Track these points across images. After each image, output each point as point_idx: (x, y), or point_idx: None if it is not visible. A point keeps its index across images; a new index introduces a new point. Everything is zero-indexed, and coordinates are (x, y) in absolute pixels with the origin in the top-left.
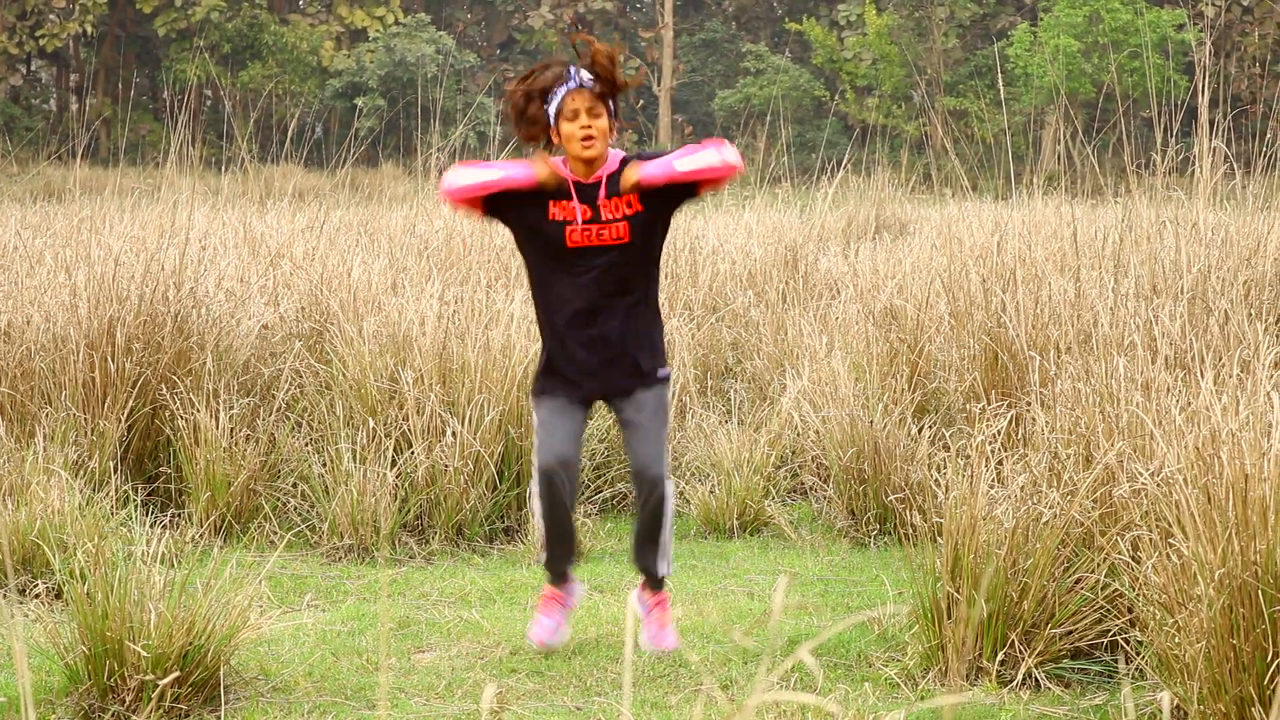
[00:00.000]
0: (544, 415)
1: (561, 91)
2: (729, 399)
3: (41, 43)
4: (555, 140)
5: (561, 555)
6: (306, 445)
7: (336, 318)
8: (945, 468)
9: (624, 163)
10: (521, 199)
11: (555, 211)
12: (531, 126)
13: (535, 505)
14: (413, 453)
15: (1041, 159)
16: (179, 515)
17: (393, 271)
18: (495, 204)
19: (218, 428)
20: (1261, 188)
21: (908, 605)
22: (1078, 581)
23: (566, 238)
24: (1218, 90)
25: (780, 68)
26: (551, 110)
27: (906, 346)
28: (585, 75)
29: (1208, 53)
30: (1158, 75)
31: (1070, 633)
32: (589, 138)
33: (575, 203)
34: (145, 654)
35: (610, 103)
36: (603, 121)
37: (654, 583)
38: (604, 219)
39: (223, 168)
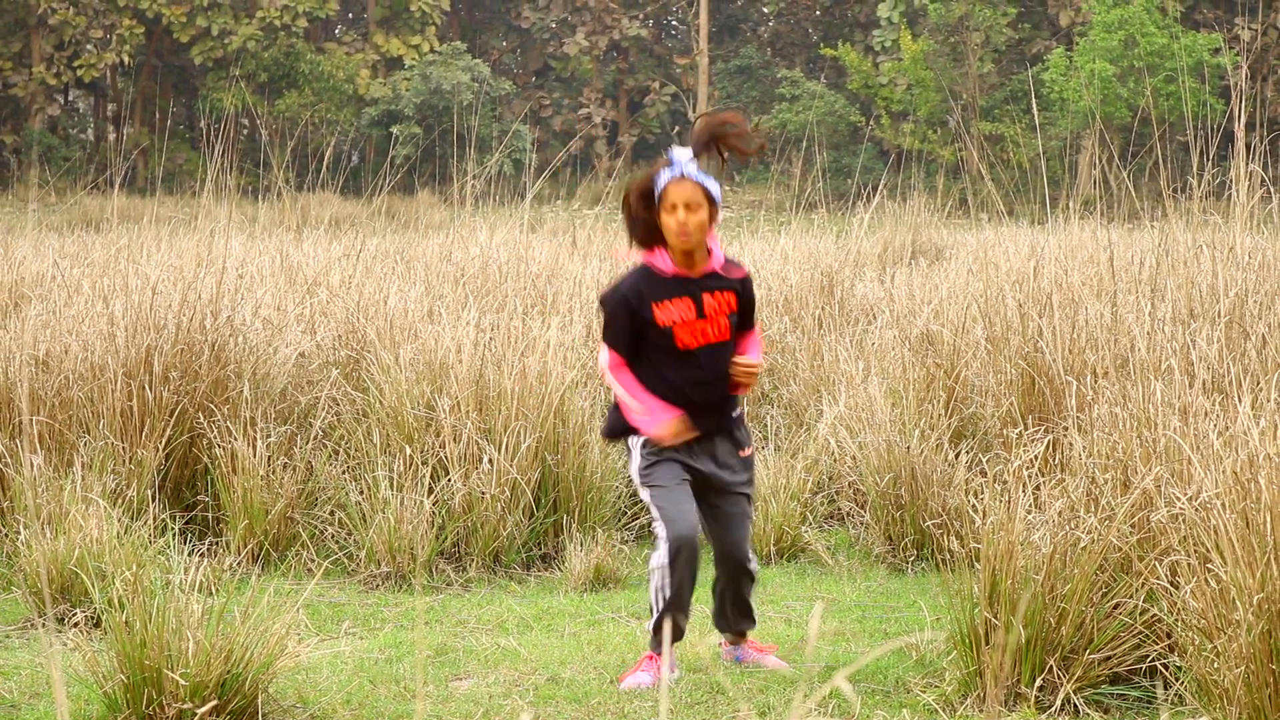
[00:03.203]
0: (658, 475)
1: (664, 179)
2: (766, 425)
3: (79, 73)
4: (655, 229)
5: (675, 627)
6: (343, 473)
7: (373, 345)
8: (982, 493)
9: (727, 261)
10: (634, 321)
11: (661, 315)
12: (644, 230)
13: (659, 580)
14: (449, 480)
15: (1078, 183)
16: (217, 543)
17: (429, 299)
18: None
19: (255, 456)
20: None
21: (945, 631)
22: (1116, 607)
23: (676, 340)
24: (1254, 114)
25: (815, 93)
26: (655, 192)
27: (943, 372)
28: (688, 162)
29: (1244, 76)
30: (1194, 99)
31: (1109, 658)
32: (685, 233)
33: (678, 300)
34: (183, 682)
35: (713, 195)
36: (701, 215)
37: (738, 635)
38: (707, 315)
39: (259, 196)
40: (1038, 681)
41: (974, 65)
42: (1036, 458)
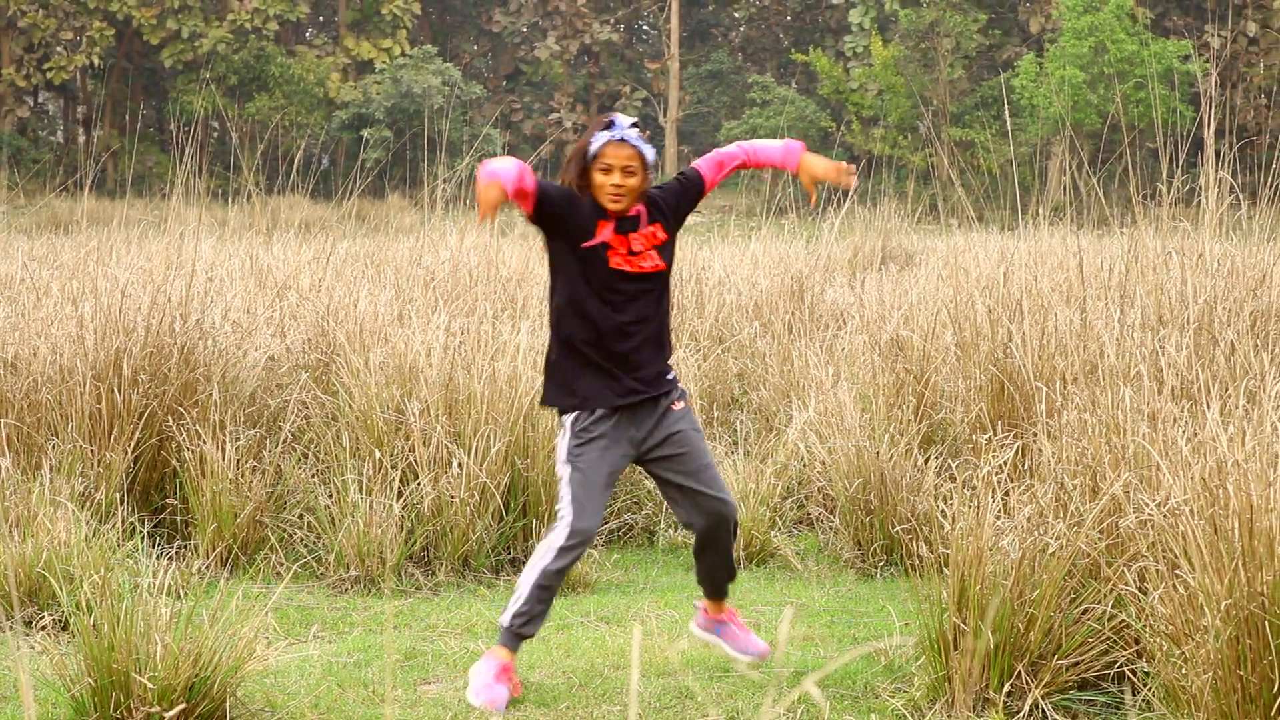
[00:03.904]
0: (582, 459)
1: (603, 139)
2: (735, 430)
3: (49, 75)
4: (584, 184)
5: (541, 620)
6: (313, 476)
7: (343, 349)
8: (951, 498)
9: (648, 200)
10: (575, 205)
11: (602, 232)
12: (576, 184)
13: (548, 562)
14: (419, 484)
15: (1047, 189)
16: (185, 547)
17: (399, 303)
18: (547, 200)
19: (224, 459)
20: (1267, 218)
21: (914, 636)
22: (1084, 612)
23: (609, 260)
24: (1223, 121)
25: (786, 99)
26: (592, 149)
27: (913, 377)
28: (629, 126)
29: (1213, 84)
30: (1163, 106)
31: (1077, 664)
32: (618, 195)
33: (608, 224)
34: (151, 686)
35: (647, 161)
36: (635, 181)
37: (719, 596)
38: (636, 250)
39: (229, 199)
40: (1006, 687)
41: (944, 71)
42: (1006, 463)
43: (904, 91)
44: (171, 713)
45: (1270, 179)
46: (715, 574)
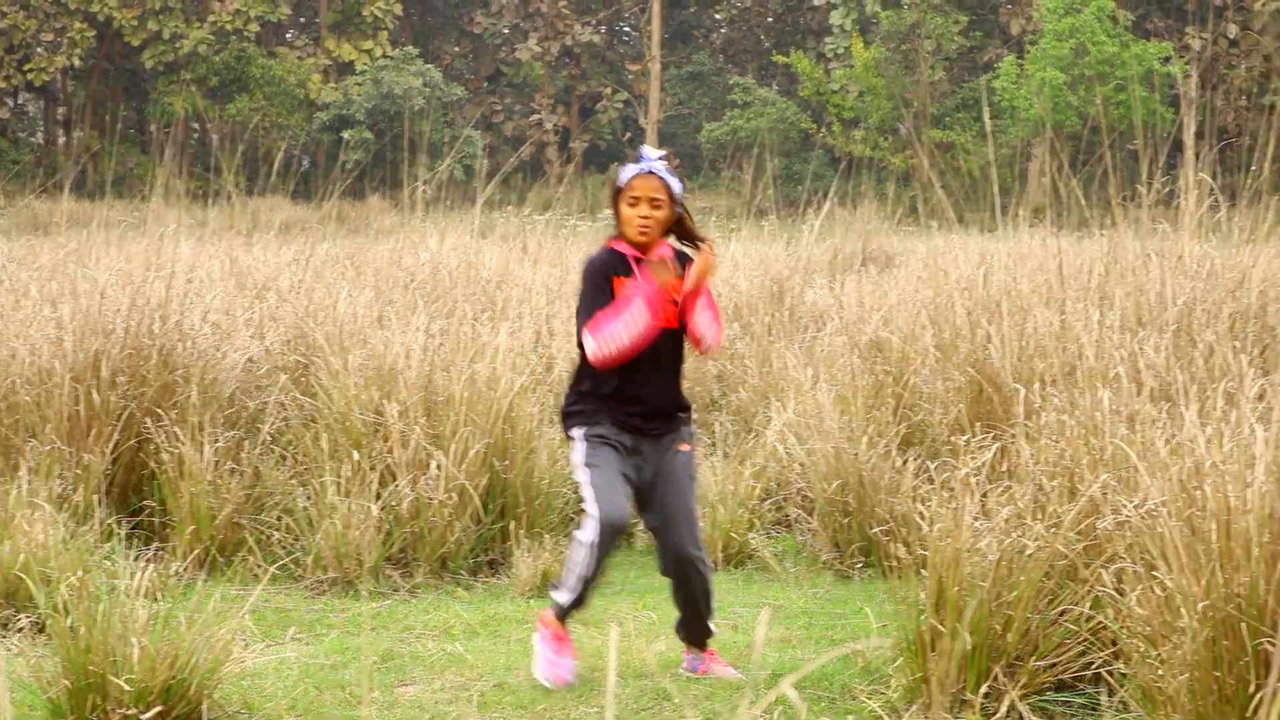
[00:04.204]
0: (597, 458)
1: (631, 171)
2: (714, 431)
3: (29, 76)
4: (615, 217)
5: (586, 603)
6: (291, 478)
7: (322, 351)
8: (930, 500)
9: (679, 255)
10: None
11: (620, 291)
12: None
13: (583, 555)
14: (397, 486)
15: (1027, 191)
16: (163, 549)
17: (379, 304)
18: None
19: (202, 461)
20: (1247, 220)
21: (891, 638)
22: (1062, 614)
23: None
24: (1203, 123)
25: (767, 100)
26: (619, 184)
27: (892, 379)
28: (656, 159)
29: (1194, 85)
30: (1144, 108)
31: (1054, 665)
32: (645, 227)
33: (639, 278)
34: (128, 688)
35: (674, 193)
36: (663, 213)
37: (703, 640)
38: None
39: (209, 200)
40: (983, 688)
41: (925, 73)
42: (984, 465)
43: (885, 93)
44: (148, 715)
45: (1249, 180)
46: (685, 622)
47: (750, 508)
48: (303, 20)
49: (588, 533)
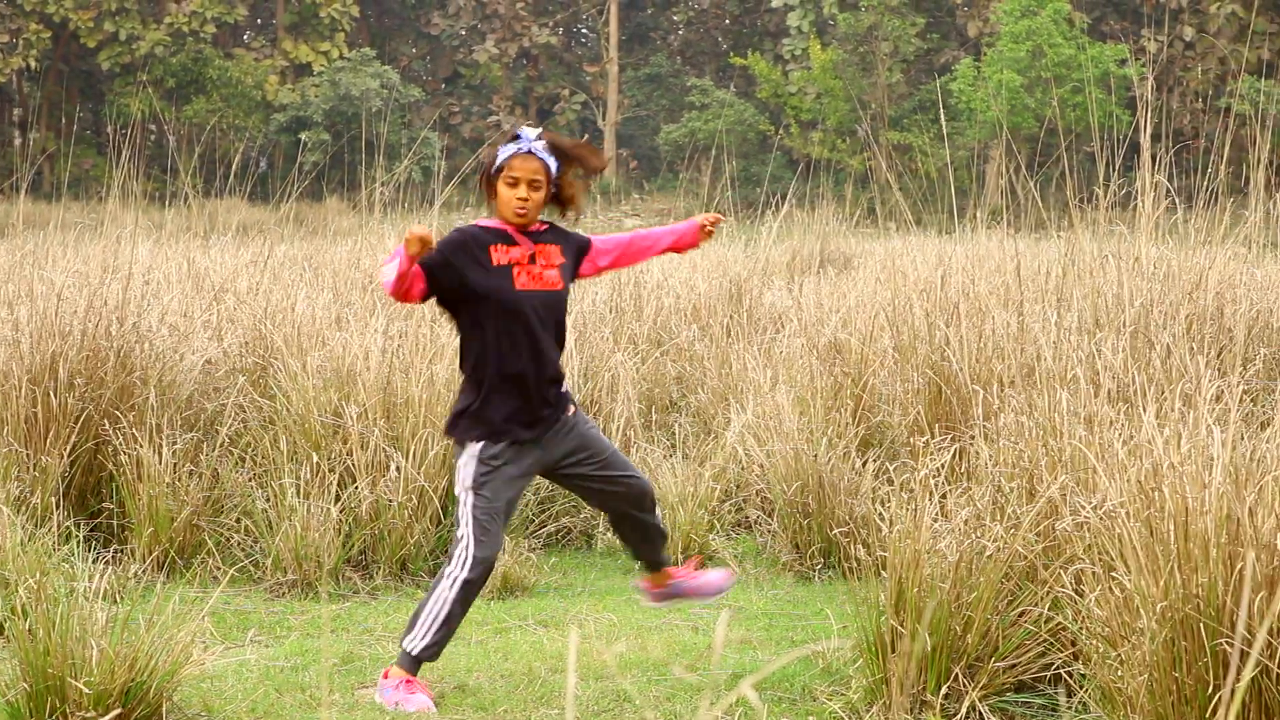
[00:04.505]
0: (486, 487)
1: (509, 151)
2: (673, 433)
3: None
4: (489, 197)
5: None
6: (250, 480)
7: (280, 352)
8: (889, 501)
9: (554, 229)
10: (460, 256)
11: (496, 256)
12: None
13: (454, 594)
14: (356, 488)
15: (985, 193)
16: (122, 551)
17: (337, 306)
18: (439, 271)
19: (161, 463)
20: (1203, 222)
21: (852, 639)
22: (1021, 615)
23: (514, 280)
24: (1160, 125)
25: (725, 102)
26: (498, 161)
27: (851, 380)
28: (537, 140)
29: (1150, 88)
30: (1100, 110)
31: (1014, 666)
32: (523, 209)
33: (518, 246)
34: (87, 691)
35: (552, 174)
36: (541, 195)
37: (661, 561)
38: (538, 261)
39: (166, 202)
40: (943, 689)
41: (882, 75)
42: (943, 466)
43: (842, 95)
44: (108, 718)
45: (1206, 182)
46: (650, 540)
47: (710, 509)
48: (259, 22)
49: (462, 569)
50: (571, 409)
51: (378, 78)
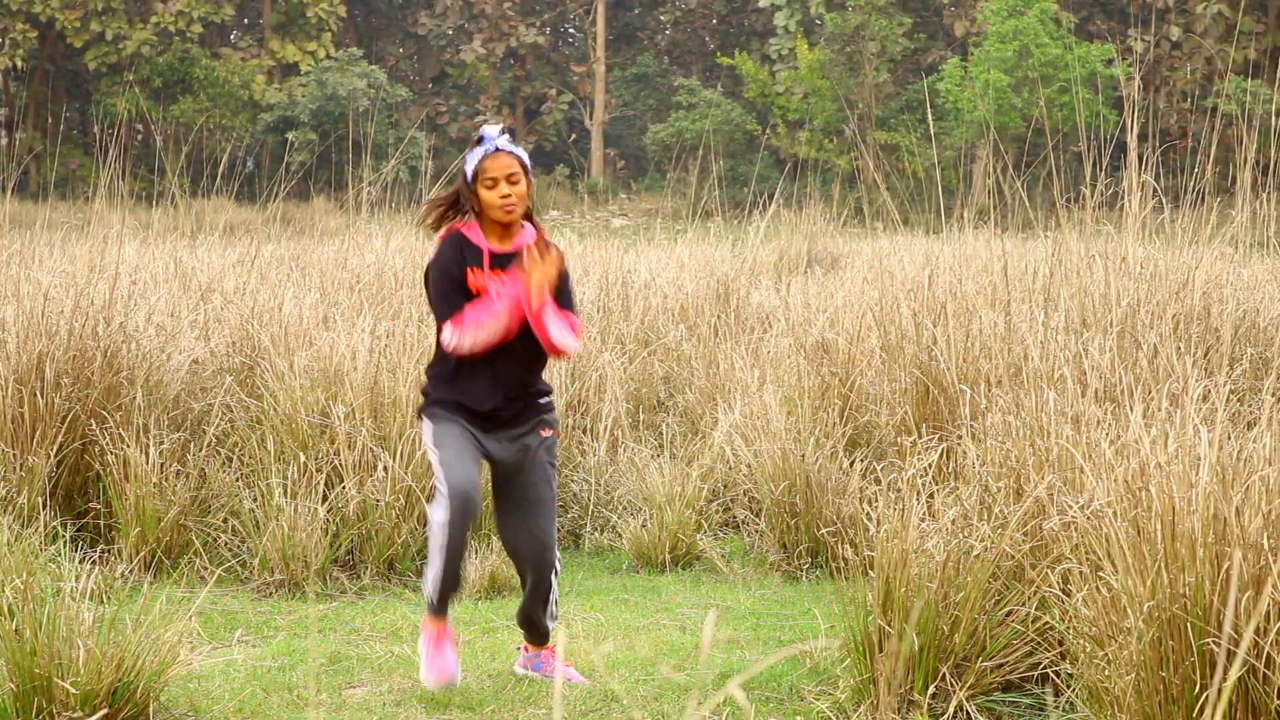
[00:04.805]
0: (445, 436)
1: (478, 155)
2: (661, 433)
3: None
4: (474, 207)
5: (457, 584)
6: (237, 480)
7: (267, 352)
8: (877, 501)
9: (540, 238)
10: (457, 282)
11: (472, 280)
12: (451, 209)
13: (439, 535)
14: (344, 487)
15: (972, 193)
16: (108, 551)
17: (324, 306)
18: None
19: (148, 463)
20: (1190, 222)
21: (839, 639)
22: (1008, 614)
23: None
24: (1147, 125)
25: (712, 101)
26: (468, 171)
27: (838, 380)
28: (501, 136)
29: (1136, 87)
30: (1087, 110)
31: (1001, 665)
32: (510, 206)
33: (487, 272)
34: (74, 691)
35: (527, 165)
36: (522, 186)
37: (541, 638)
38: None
39: (153, 202)
40: (930, 689)
41: (870, 75)
42: (930, 466)
43: (829, 95)
44: (94, 718)
45: (1193, 183)
46: (530, 615)
47: (698, 509)
48: (246, 21)
49: (439, 511)
50: (551, 428)
51: (365, 77)
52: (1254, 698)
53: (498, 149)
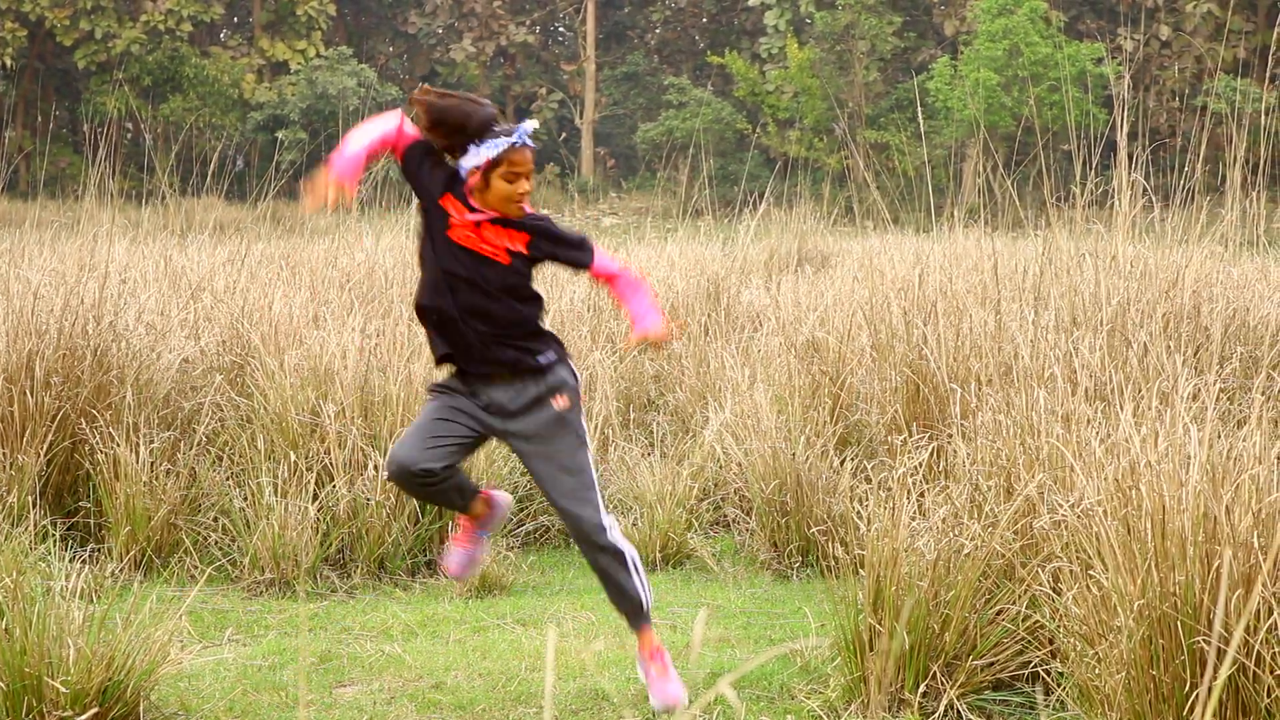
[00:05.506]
0: (422, 412)
1: (505, 144)
2: (651, 432)
3: None
4: (476, 183)
5: (458, 506)
6: (227, 479)
7: (258, 351)
8: (867, 500)
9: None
10: (435, 158)
11: (448, 203)
12: (442, 139)
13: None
14: (334, 486)
15: (962, 192)
16: (98, 550)
17: (314, 305)
18: (414, 152)
19: (138, 462)
20: (1180, 220)
21: (830, 637)
22: (999, 613)
23: (451, 226)
24: (1136, 123)
25: (702, 100)
26: (490, 156)
27: (828, 379)
28: (530, 135)
29: (1126, 86)
30: (1077, 109)
31: (992, 664)
32: (524, 204)
33: (466, 209)
34: (64, 690)
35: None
36: (531, 185)
37: (636, 621)
38: (486, 239)
39: (143, 201)
40: (921, 688)
41: (859, 73)
42: (921, 465)
43: (819, 94)
44: (84, 717)
45: (1182, 181)
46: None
47: (688, 508)
48: (236, 20)
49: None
50: (562, 395)
51: (355, 76)
52: (1244, 696)
53: (526, 144)
